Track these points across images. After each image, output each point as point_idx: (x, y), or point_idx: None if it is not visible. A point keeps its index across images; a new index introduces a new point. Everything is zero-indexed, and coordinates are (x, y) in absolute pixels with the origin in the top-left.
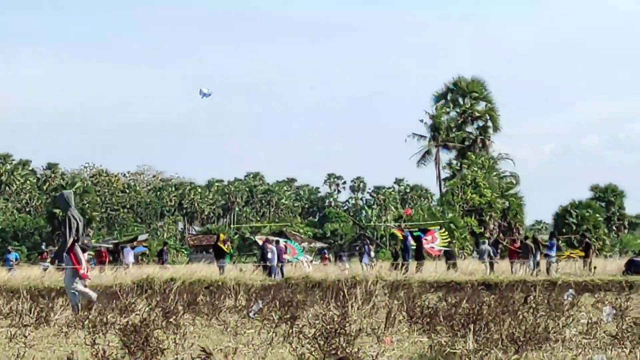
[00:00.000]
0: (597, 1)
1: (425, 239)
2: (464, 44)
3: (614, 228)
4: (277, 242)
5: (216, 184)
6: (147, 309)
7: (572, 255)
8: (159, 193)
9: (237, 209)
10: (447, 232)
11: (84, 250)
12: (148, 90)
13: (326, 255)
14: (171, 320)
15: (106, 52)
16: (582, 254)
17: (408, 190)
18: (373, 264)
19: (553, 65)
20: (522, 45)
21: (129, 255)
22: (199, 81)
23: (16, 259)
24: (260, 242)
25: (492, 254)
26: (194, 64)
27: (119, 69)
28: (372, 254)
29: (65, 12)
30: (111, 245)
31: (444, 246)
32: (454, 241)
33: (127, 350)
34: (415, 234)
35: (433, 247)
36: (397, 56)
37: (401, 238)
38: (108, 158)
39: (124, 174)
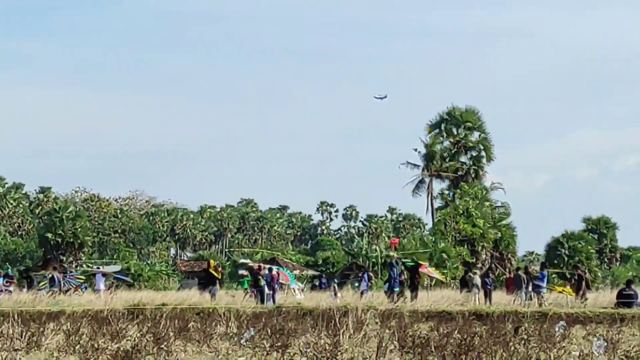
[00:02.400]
0: (589, 34)
1: (421, 268)
2: (457, 73)
3: (606, 260)
4: (270, 269)
5: (208, 210)
6: (138, 334)
7: (564, 292)
8: (151, 218)
9: (229, 235)
10: (437, 271)
11: None
12: (141, 116)
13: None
14: (162, 346)
15: (100, 76)
16: (574, 294)
17: (401, 219)
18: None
19: (545, 96)
20: (515, 75)
21: (100, 282)
22: (192, 106)
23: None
24: (255, 267)
25: (479, 286)
26: (186, 89)
27: (113, 93)
28: (369, 282)
29: (59, 37)
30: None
31: (438, 276)
32: (446, 271)
33: None
34: (408, 264)
35: (431, 273)
36: (391, 85)
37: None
38: (100, 182)
39: (116, 199)
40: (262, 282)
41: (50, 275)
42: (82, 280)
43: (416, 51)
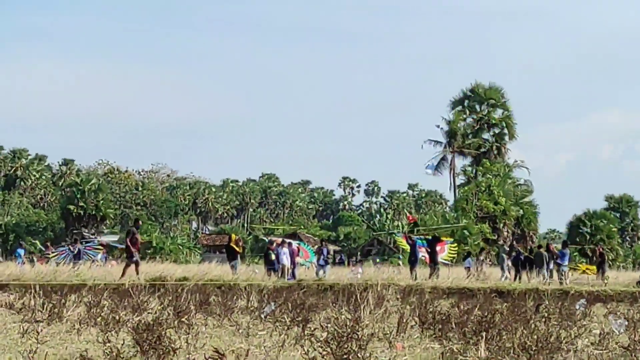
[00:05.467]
0: (614, 13)
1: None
2: (481, 52)
3: (628, 239)
4: (290, 244)
5: (231, 184)
6: (159, 307)
7: (587, 271)
8: (173, 192)
9: (251, 209)
10: (456, 247)
11: None
12: (165, 89)
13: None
14: (183, 319)
15: (125, 49)
16: (596, 270)
17: (423, 196)
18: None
19: (570, 75)
20: (540, 54)
21: (98, 253)
22: (218, 82)
23: (22, 254)
24: (275, 245)
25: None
26: (212, 64)
27: (137, 67)
28: (327, 257)
29: (84, 10)
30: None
31: (447, 259)
32: (467, 247)
33: (139, 349)
34: (423, 240)
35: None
36: (415, 62)
37: (405, 247)
38: (123, 155)
39: (139, 172)
40: (273, 257)
41: (76, 250)
42: (100, 251)
43: (441, 29)
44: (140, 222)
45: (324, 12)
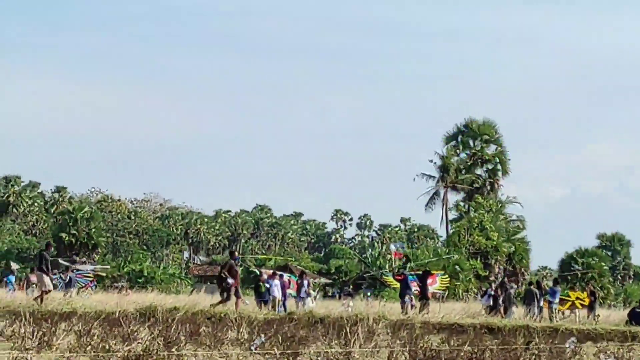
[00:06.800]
0: (608, 46)
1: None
2: (474, 83)
3: (619, 277)
4: (281, 276)
5: (223, 214)
6: (149, 337)
7: (577, 303)
8: (165, 221)
9: (243, 240)
10: (448, 279)
11: None
12: (160, 117)
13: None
14: (173, 350)
15: (119, 77)
16: (587, 301)
17: (415, 230)
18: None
19: (563, 109)
20: (533, 87)
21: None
22: (204, 108)
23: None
24: (266, 276)
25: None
26: (205, 91)
27: (132, 93)
28: (311, 292)
29: (77, 34)
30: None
31: (439, 289)
32: (458, 283)
33: None
34: (414, 275)
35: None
36: (409, 96)
37: (395, 285)
38: (116, 183)
39: (131, 201)
40: (264, 289)
41: (67, 279)
42: (90, 278)
43: (435, 56)
44: (237, 254)
45: (314, 35)
